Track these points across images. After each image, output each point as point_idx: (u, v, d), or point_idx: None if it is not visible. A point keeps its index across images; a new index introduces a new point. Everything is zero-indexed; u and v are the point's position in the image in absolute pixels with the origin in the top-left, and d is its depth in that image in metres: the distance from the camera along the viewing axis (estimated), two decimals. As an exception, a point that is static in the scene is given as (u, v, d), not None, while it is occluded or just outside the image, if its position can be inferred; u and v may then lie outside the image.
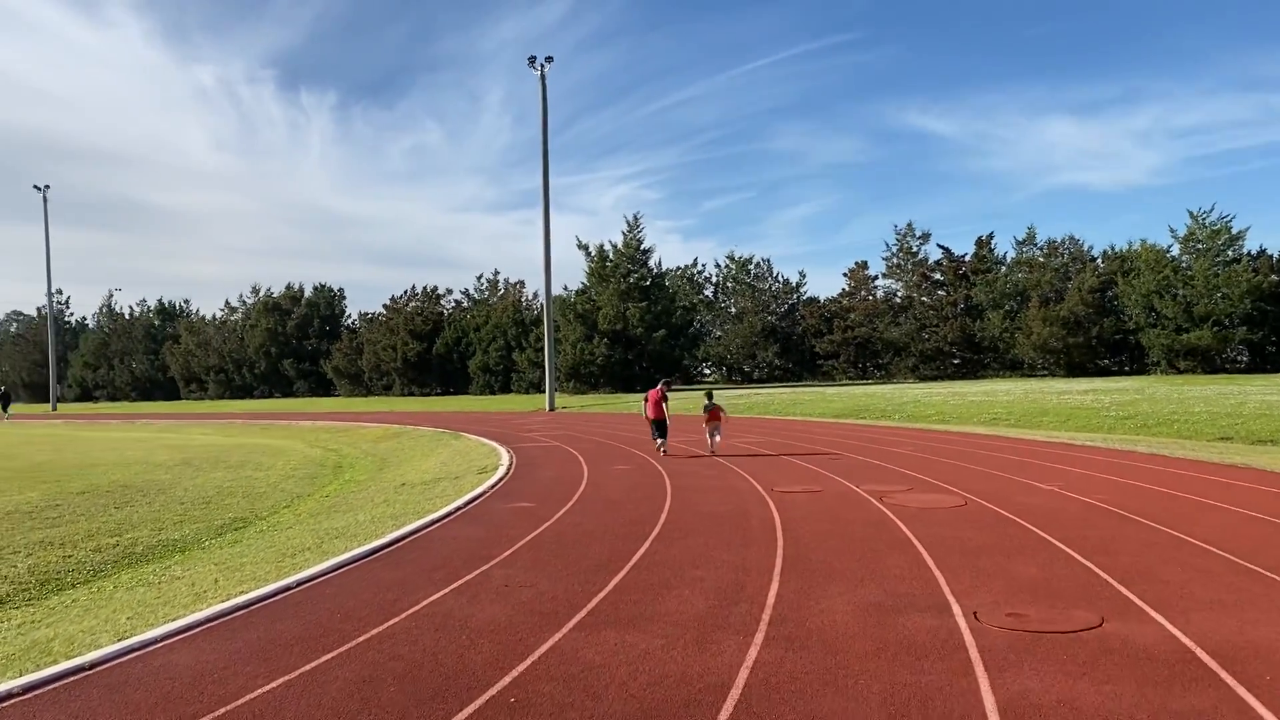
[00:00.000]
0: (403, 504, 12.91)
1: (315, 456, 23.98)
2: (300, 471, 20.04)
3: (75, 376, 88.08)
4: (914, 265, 68.56)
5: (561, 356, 56.64)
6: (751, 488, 12.86)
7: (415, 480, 16.23)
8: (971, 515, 10.28)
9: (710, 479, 13.96)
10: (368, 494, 15.23)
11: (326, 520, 12.39)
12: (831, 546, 8.63)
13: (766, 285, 74.14)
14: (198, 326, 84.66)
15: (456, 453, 20.83)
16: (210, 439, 31.31)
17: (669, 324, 59.03)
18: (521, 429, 27.68)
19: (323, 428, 34.32)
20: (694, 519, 10.29)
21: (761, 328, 70.76)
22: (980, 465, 15.24)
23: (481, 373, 66.22)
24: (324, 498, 15.68)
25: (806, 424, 27.53)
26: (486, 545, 8.99)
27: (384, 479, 17.68)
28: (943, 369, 64.69)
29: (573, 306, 59.72)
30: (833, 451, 18.12)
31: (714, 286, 77.04)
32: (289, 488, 17.27)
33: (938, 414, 28.76)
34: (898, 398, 34.83)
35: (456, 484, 14.70)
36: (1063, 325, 57.27)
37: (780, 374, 71.36)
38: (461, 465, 17.82)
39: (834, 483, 13.27)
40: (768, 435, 22.85)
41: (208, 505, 14.93)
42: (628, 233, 61.23)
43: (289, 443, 29.75)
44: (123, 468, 20.47)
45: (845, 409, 31.98)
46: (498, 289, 77.87)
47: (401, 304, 74.53)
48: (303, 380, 76.89)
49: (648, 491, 12.66)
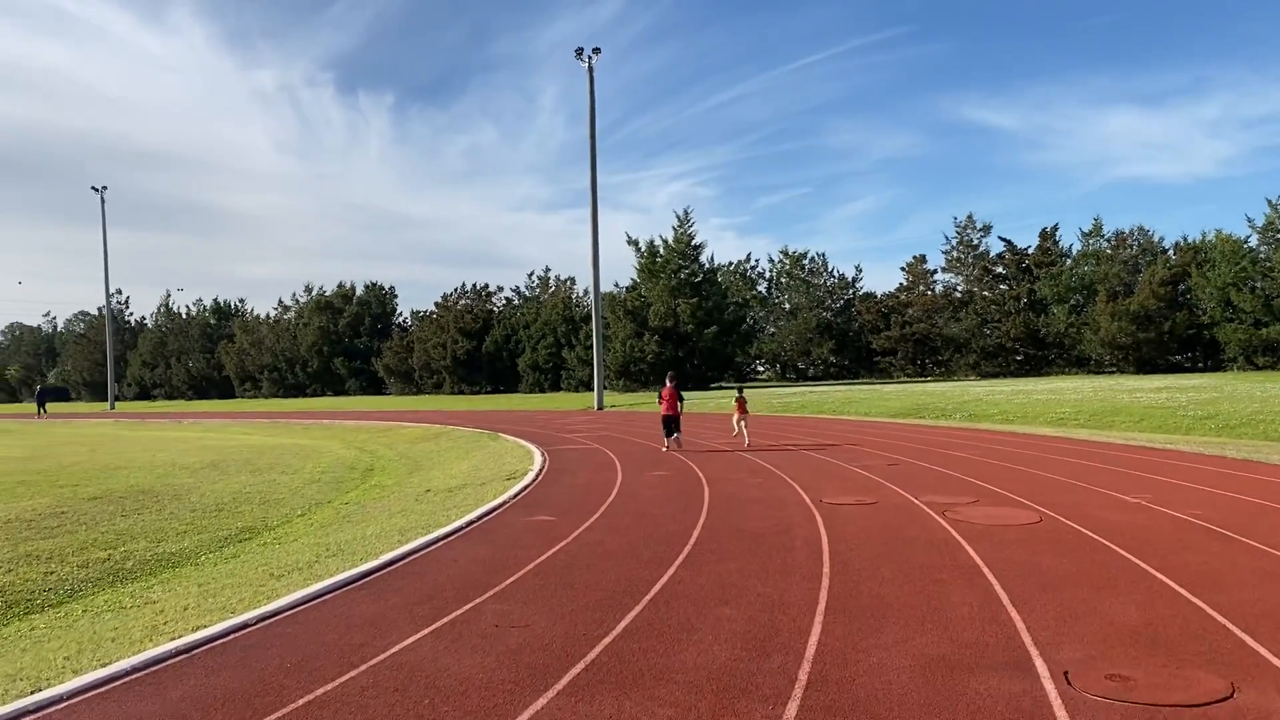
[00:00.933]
0: (418, 515, 11.92)
1: (348, 459, 23.21)
2: (328, 475, 19.23)
3: (134, 375, 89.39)
4: (975, 259, 66.26)
5: (611, 354, 55.62)
6: (798, 498, 11.62)
7: (440, 487, 15.27)
8: (1049, 535, 8.93)
9: (753, 488, 12.74)
10: (387, 502, 14.29)
11: (334, 533, 11.44)
12: (886, 575, 7.37)
13: (821, 280, 72.37)
14: (252, 325, 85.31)
15: (490, 455, 19.87)
16: (249, 439, 30.83)
17: (721, 320, 57.63)
18: (565, 429, 26.70)
19: (365, 427, 33.71)
20: (730, 537, 9.10)
21: (816, 324, 69.02)
22: (1053, 472, 13.80)
23: (531, 371, 65.47)
24: (342, 505, 14.78)
25: (861, 424, 26.12)
26: (489, 570, 7.90)
27: (409, 485, 16.75)
28: (1005, 366, 62.39)
29: (622, 303, 58.63)
30: (889, 455, 16.77)
31: (767, 282, 75.51)
32: (310, 493, 16.42)
33: (1001, 413, 27.21)
34: (958, 396, 33.18)
35: (480, 491, 13.68)
36: (1132, 320, 54.69)
37: (835, 371, 69.57)
38: (492, 469, 16.83)
39: (890, 493, 11.97)
40: (819, 437, 21.53)
41: (219, 513, 14.10)
42: (678, 228, 59.96)
43: (327, 443, 29.12)
44: (147, 470, 19.85)
45: (902, 408, 30.48)
46: (548, 286, 77.20)
47: (452, 302, 74.17)
48: (354, 379, 76.91)
49: (683, 502, 11.49)
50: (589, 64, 44.90)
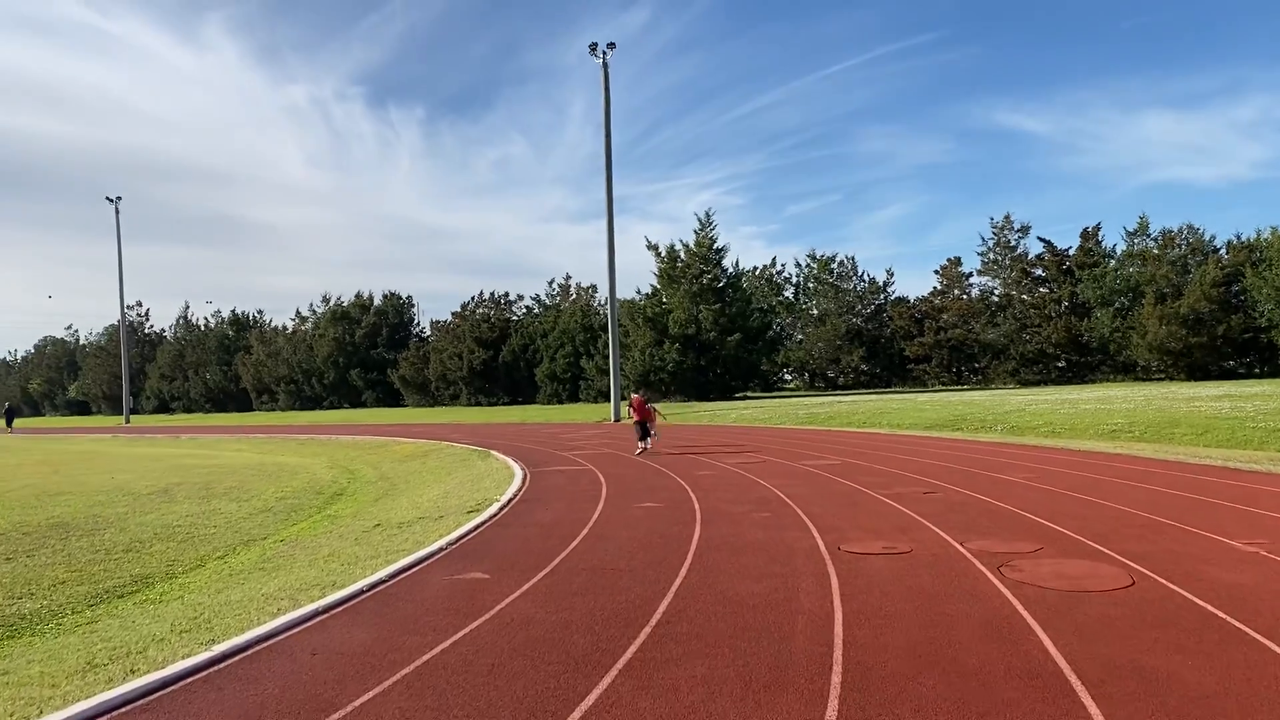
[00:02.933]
0: (340, 562, 9.63)
1: (322, 481, 21.03)
2: (286, 502, 17.01)
3: (153, 388, 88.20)
4: (1013, 260, 63.24)
5: (629, 363, 53.21)
6: (810, 544, 9.16)
7: (393, 520, 12.97)
8: (1152, 609, 6.43)
9: (756, 527, 10.28)
10: (324, 541, 12.00)
11: (228, 589, 9.18)
12: (925, 690, 4.91)
13: (851, 285, 69.54)
14: (269, 337, 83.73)
15: (469, 479, 17.57)
16: (234, 457, 28.79)
17: (745, 327, 54.95)
18: (568, 445, 24.42)
19: (360, 443, 31.59)
20: (708, 612, 6.66)
21: (846, 330, 66.21)
22: (1127, 503, 11.23)
23: (549, 381, 63.19)
24: (276, 543, 12.51)
25: (894, 439, 23.56)
26: (352, 674, 5.52)
27: (366, 516, 14.48)
28: (1046, 373, 59.30)
29: (641, 310, 56.17)
30: (926, 480, 14.24)
31: (794, 287, 72.79)
32: (250, 526, 14.18)
33: (1046, 425, 24.61)
34: (998, 406, 30.48)
35: (429, 528, 11.37)
36: (1182, 323, 51.49)
37: (867, 380, 66.71)
38: (460, 498, 14.52)
39: (928, 535, 9.48)
40: (846, 455, 18.99)
41: (125, 555, 11.88)
42: (699, 231, 57.39)
43: (312, 461, 27.01)
44: (87, 497, 17.74)
45: (938, 419, 27.88)
46: (569, 294, 75.04)
47: (469, 311, 72.13)
48: (371, 391, 74.98)
49: (662, 550, 9.07)
50: (603, 59, 43.41)
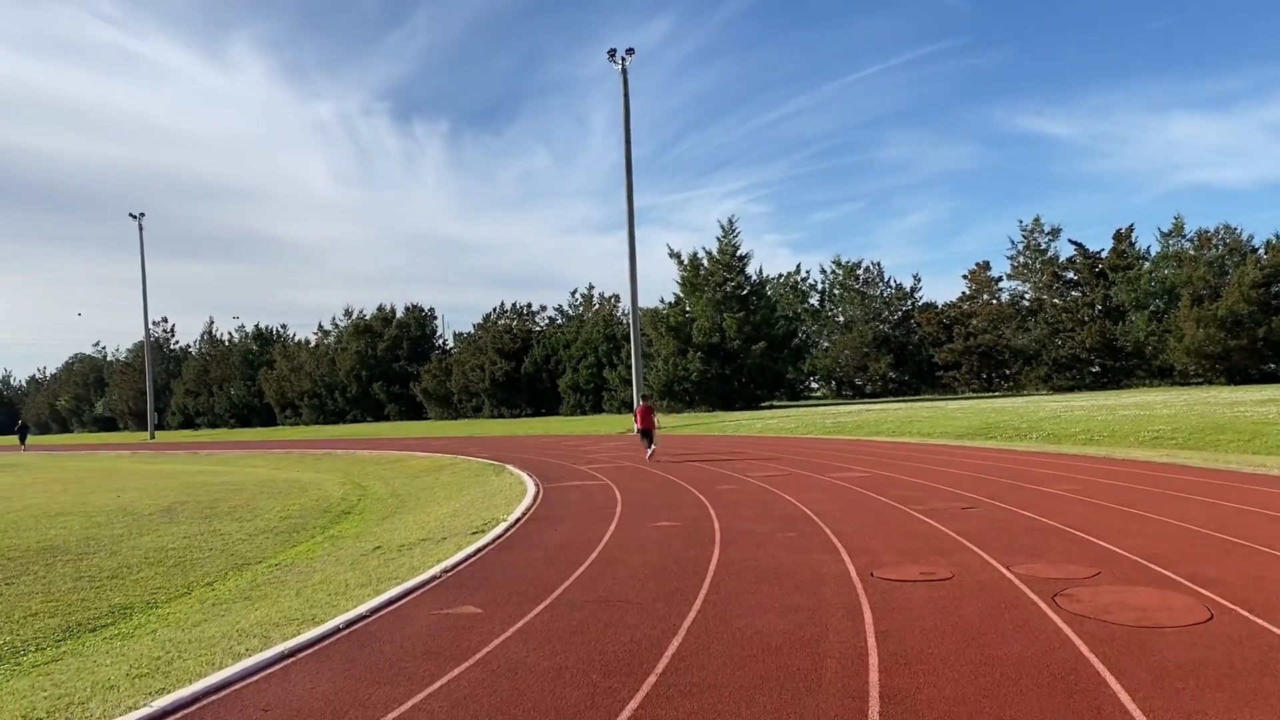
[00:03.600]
0: (327, 592, 8.90)
1: (332, 498, 20.36)
2: (289, 522, 16.32)
3: (178, 404, 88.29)
4: (1043, 264, 61.86)
5: (653, 373, 52.36)
6: (839, 569, 8.30)
7: (396, 542, 12.24)
8: (1241, 649, 5.52)
9: (780, 549, 9.42)
10: (319, 565, 11.27)
11: (212, 619, 8.48)
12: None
13: (877, 291, 68.36)
14: (292, 351, 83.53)
15: (479, 496, 16.82)
16: (246, 474, 28.24)
17: (770, 335, 53.95)
18: (587, 458, 23.64)
19: (376, 458, 30.97)
20: (725, 654, 5.82)
21: (873, 337, 65.03)
22: (1187, 519, 10.27)
23: (572, 392, 62.41)
24: (271, 567, 11.79)
25: (925, 449, 22.60)
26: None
27: (369, 536, 13.75)
28: (1079, 379, 57.84)
29: (665, 319, 55.33)
30: (963, 493, 13.32)
31: (819, 294, 71.70)
32: (247, 549, 13.49)
33: (1084, 432, 23.60)
34: (1032, 413, 29.41)
35: (431, 551, 10.62)
36: (1221, 326, 49.99)
37: (895, 387, 65.46)
38: (469, 517, 13.76)
39: (970, 558, 8.59)
40: (877, 467, 18.07)
41: (113, 580, 11.21)
42: (722, 238, 56.54)
43: (325, 477, 26.39)
44: (88, 517, 17.15)
45: (970, 428, 26.86)
46: (592, 304, 74.38)
47: (491, 322, 71.56)
48: (393, 404, 74.48)
49: (677, 577, 8.23)
50: (622, 65, 43.15)
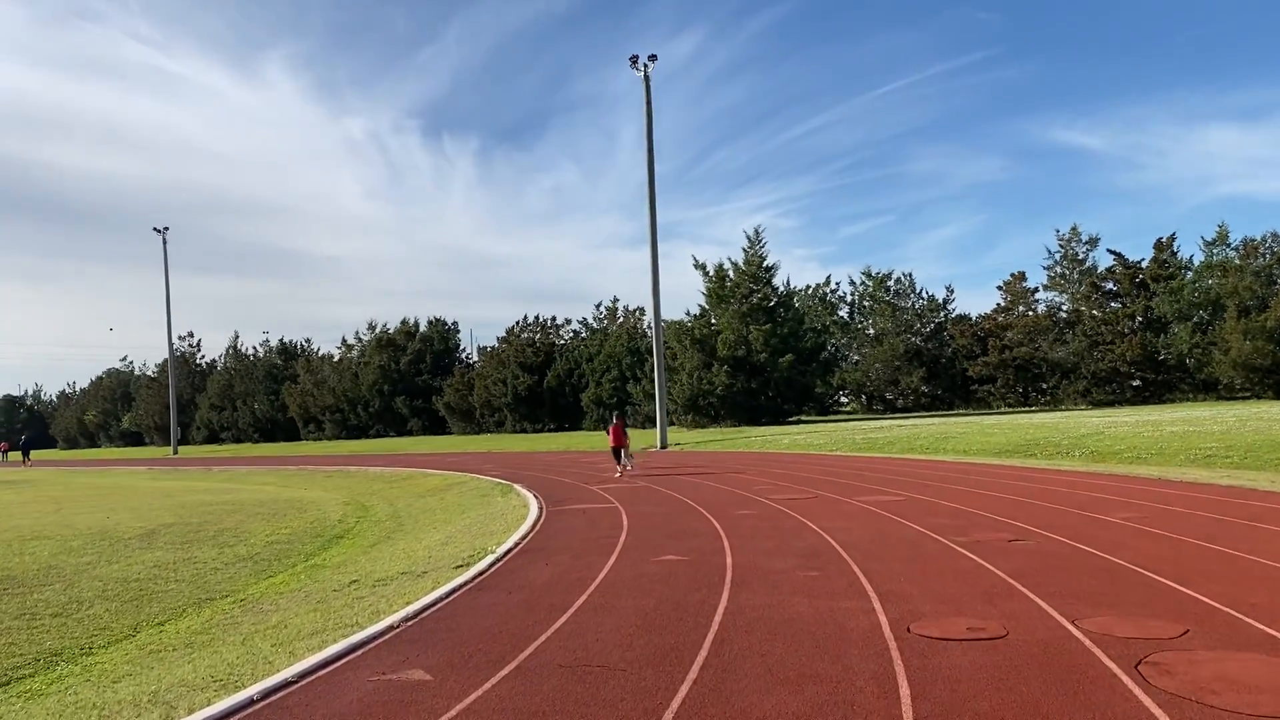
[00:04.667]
0: (274, 641, 7.68)
1: (328, 520, 19.21)
2: (273, 548, 15.15)
3: (203, 419, 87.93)
4: (1081, 274, 59.87)
5: (677, 387, 51.00)
6: (869, 621, 6.91)
7: (375, 575, 11.01)
8: None
9: (799, 593, 8.04)
10: (284, 602, 10.05)
11: (137, 674, 7.30)
12: None
13: (909, 303, 66.56)
14: (315, 365, 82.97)
15: (479, 520, 15.57)
16: (251, 492, 27.22)
17: (797, 348, 52.39)
18: (601, 476, 22.39)
19: (388, 475, 29.86)
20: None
21: (905, 350, 63.23)
22: None
23: (594, 406, 61.13)
24: (233, 604, 10.59)
25: (961, 468, 21.07)
26: None
27: (351, 567, 12.53)
28: (1119, 393, 55.72)
29: (689, 331, 53.94)
30: (1007, 521, 11.86)
31: (849, 306, 70.03)
32: (218, 579, 12.31)
33: (1130, 450, 22.01)
34: (1073, 429, 27.76)
35: (402, 590, 9.36)
36: (1269, 338, 47.85)
37: (928, 402, 63.57)
38: (460, 545, 12.51)
39: (1022, 606, 7.17)
40: (910, 488, 16.60)
41: (56, 619, 10.08)
42: (749, 249, 55.09)
43: (331, 495, 25.31)
44: (63, 542, 16.08)
45: (1008, 444, 25.30)
46: (616, 317, 73.20)
47: (514, 335, 70.52)
48: (416, 418, 73.53)
49: (675, 629, 6.88)
50: (645, 72, 42.12)
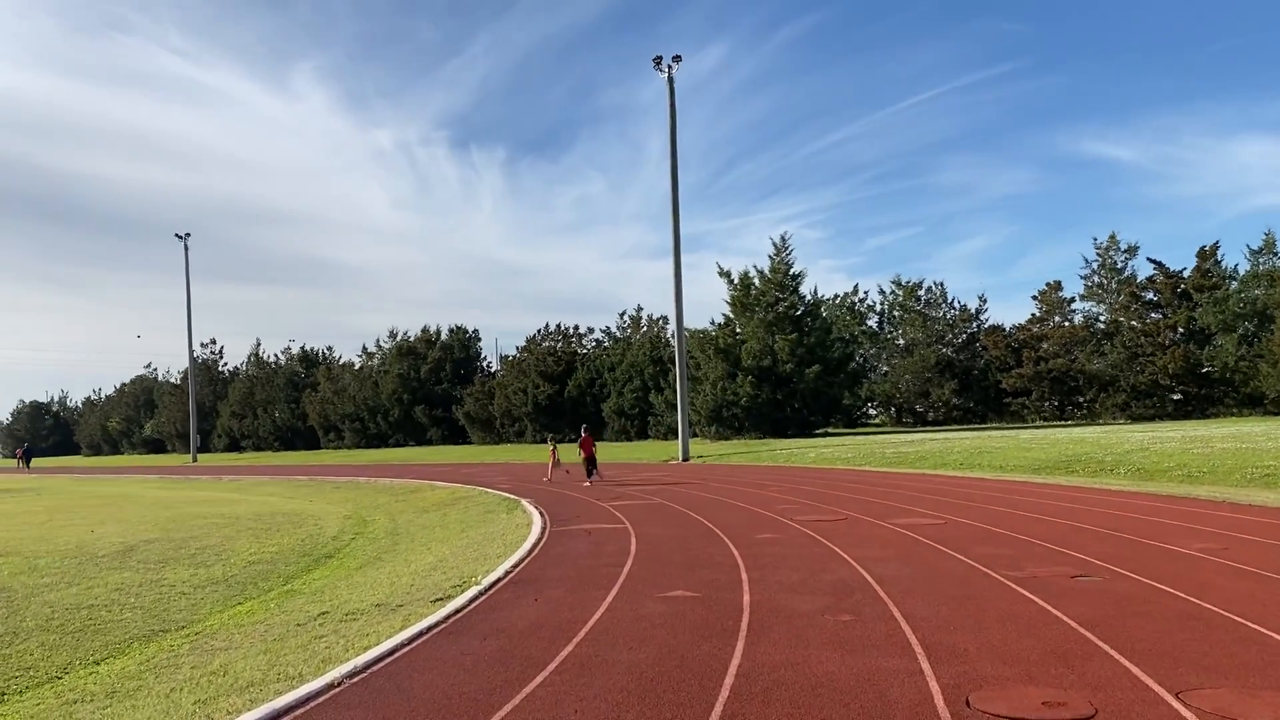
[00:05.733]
0: (199, 698, 6.38)
1: (322, 537, 17.97)
2: (253, 569, 13.90)
3: (224, 426, 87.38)
4: (1120, 284, 57.93)
5: (700, 397, 49.51)
6: (918, 690, 5.49)
7: (347, 607, 9.72)
8: None
9: (828, 649, 6.62)
10: (238, 638, 8.77)
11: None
12: None
13: (940, 313, 64.75)
14: (336, 373, 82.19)
15: (477, 540, 14.24)
16: (251, 504, 26.07)
17: (824, 358, 50.77)
18: (615, 492, 21.05)
19: (396, 487, 28.63)
20: None
21: (935, 361, 61.43)
22: None
23: (616, 416, 59.76)
24: (185, 638, 9.33)
25: (1001, 486, 19.52)
26: None
27: (328, 594, 11.25)
28: (1160, 407, 53.66)
29: (713, 341, 52.45)
30: (1065, 551, 10.36)
31: (878, 316, 68.28)
32: (179, 608, 11.06)
33: (1179, 468, 20.43)
34: (1116, 444, 26.11)
35: (369, 627, 8.05)
36: (1320, 350, 45.87)
37: (959, 415, 61.68)
38: (448, 571, 11.21)
39: (1107, 669, 5.72)
40: (948, 508, 15.09)
41: (-23, 656, 8.82)
42: (775, 256, 53.57)
43: (334, 509, 24.10)
44: (29, 559, 14.93)
45: (1047, 460, 23.73)
46: (639, 326, 71.87)
47: (535, 344, 69.34)
48: (436, 428, 72.43)
49: (675, 698, 5.49)
50: (668, 73, 40.95)
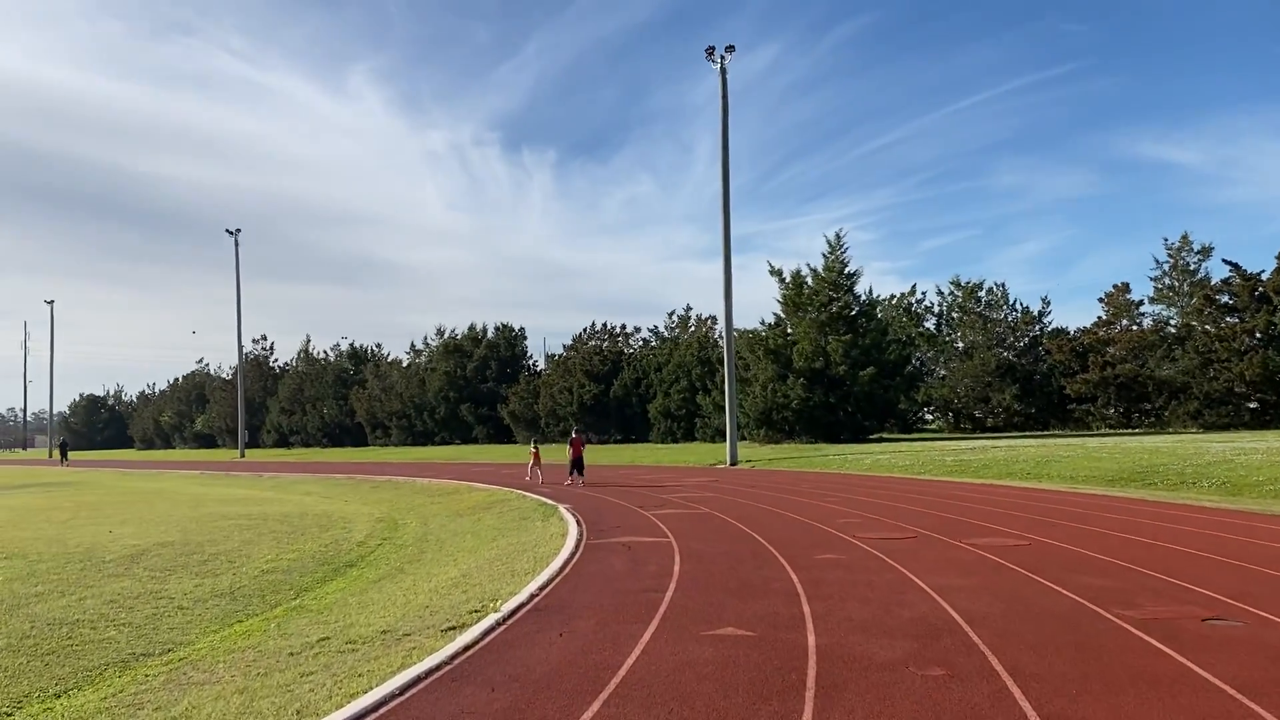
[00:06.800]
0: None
1: (348, 543, 16.93)
2: (265, 579, 12.84)
3: (273, 422, 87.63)
4: (1192, 286, 55.27)
5: (749, 399, 47.98)
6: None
7: (354, 631, 8.56)
8: None
9: (918, 713, 5.25)
10: (218, 673, 7.63)
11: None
12: None
13: (1001, 315, 62.46)
14: (383, 371, 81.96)
15: (507, 552, 13.02)
16: (284, 504, 25.26)
17: (879, 361, 48.88)
18: (660, 499, 19.71)
19: (434, 489, 27.65)
20: None
21: (996, 365, 59.19)
22: None
23: (662, 418, 58.45)
24: (162, 666, 8.23)
25: (1076, 499, 17.84)
26: None
27: (337, 613, 10.11)
28: (1235, 415, 50.91)
29: (763, 341, 50.85)
30: (1186, 585, 8.80)
31: (936, 317, 66.09)
32: (171, 625, 10.02)
33: (1272, 482, 18.67)
34: (1194, 455, 24.23)
35: (373, 660, 6.85)
36: None
37: (1020, 421, 59.35)
38: (469, 590, 10.00)
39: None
40: (1030, 527, 13.50)
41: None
42: (829, 254, 51.78)
43: (368, 510, 23.15)
44: (30, 564, 14.08)
45: (1120, 471, 21.94)
46: (688, 326, 70.53)
47: (580, 343, 68.32)
48: (481, 426, 71.71)
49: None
50: (721, 64, 39.47)
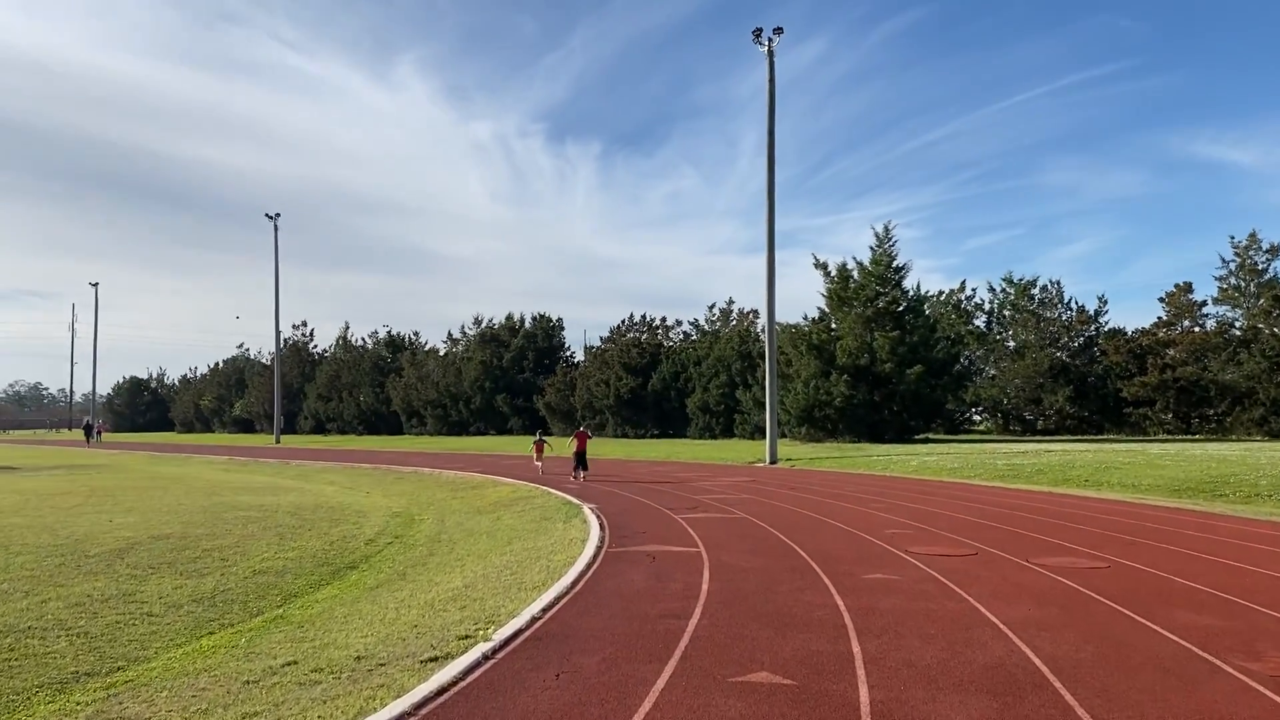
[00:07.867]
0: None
1: (359, 539, 15.83)
2: (253, 583, 11.74)
3: (310, 409, 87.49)
4: (1260, 287, 52.69)
5: (790, 396, 46.40)
6: None
7: (325, 656, 7.36)
8: None
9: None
10: (166, 701, 6.44)
11: None
12: None
13: (1055, 314, 60.15)
14: (420, 359, 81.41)
15: (521, 558, 11.77)
16: (301, 495, 24.32)
17: (927, 359, 47.02)
18: (692, 501, 18.36)
19: (457, 483, 26.57)
20: None
21: (1049, 366, 56.95)
22: None
23: (700, 413, 57.05)
24: (102, 693, 7.09)
25: (1147, 512, 16.11)
26: None
27: (319, 626, 8.93)
28: (1305, 423, 48.47)
29: (806, 337, 49.20)
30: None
31: (986, 315, 63.90)
32: (131, 637, 8.91)
33: (1356, 495, 16.78)
34: (1266, 465, 22.44)
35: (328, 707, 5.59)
36: None
37: (1073, 424, 57.08)
38: (470, 605, 8.76)
39: None
40: (1105, 545, 11.90)
41: None
42: (876, 247, 49.97)
43: (387, 503, 22.11)
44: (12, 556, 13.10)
45: (1186, 480, 20.16)
46: (729, 320, 68.98)
47: (619, 335, 67.08)
48: (517, 417, 70.77)
49: None
50: (769, 47, 37.82)
